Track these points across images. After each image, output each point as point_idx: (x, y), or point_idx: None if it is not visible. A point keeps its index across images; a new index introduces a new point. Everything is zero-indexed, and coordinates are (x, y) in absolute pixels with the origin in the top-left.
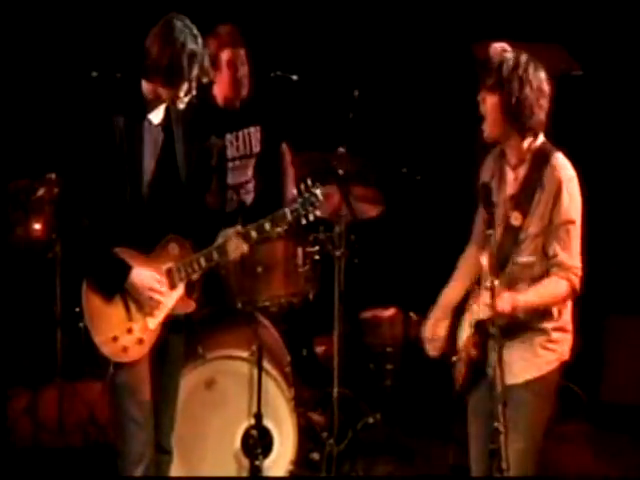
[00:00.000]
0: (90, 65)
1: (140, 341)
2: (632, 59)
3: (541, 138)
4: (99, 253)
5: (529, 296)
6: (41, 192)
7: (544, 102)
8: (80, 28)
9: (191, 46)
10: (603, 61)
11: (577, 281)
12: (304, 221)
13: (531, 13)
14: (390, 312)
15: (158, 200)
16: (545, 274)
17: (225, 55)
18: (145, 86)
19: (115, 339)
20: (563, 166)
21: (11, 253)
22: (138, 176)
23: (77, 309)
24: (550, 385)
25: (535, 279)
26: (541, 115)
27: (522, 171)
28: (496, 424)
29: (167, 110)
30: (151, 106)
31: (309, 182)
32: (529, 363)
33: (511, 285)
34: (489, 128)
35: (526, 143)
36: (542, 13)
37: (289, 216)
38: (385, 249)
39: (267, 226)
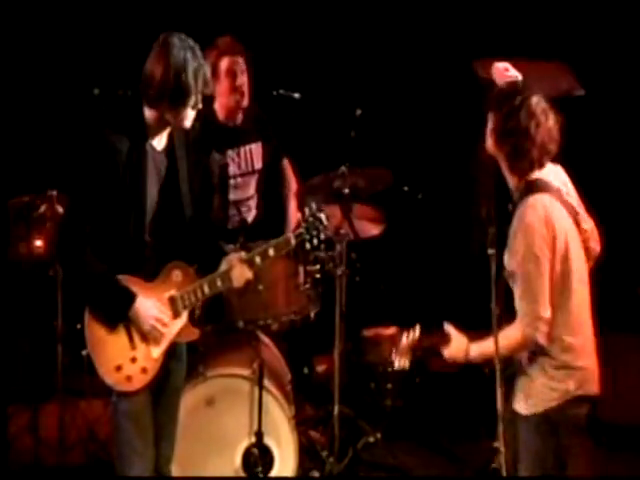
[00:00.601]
0: (92, 82)
1: (144, 370)
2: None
3: (536, 174)
4: (102, 282)
5: (483, 345)
6: (43, 209)
7: (532, 148)
8: (82, 45)
9: (193, 62)
10: (608, 80)
11: (532, 330)
12: (308, 246)
13: (534, 30)
14: (391, 331)
15: (161, 227)
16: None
17: (224, 64)
18: (149, 113)
19: (119, 368)
20: (526, 212)
21: (12, 269)
22: (141, 204)
23: (78, 326)
24: (555, 422)
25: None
26: (525, 162)
27: (513, 203)
28: (496, 444)
29: (170, 134)
30: (154, 131)
31: (313, 206)
32: (528, 399)
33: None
34: (487, 140)
35: (515, 177)
36: (545, 30)
37: (293, 241)
38: (386, 268)
39: (271, 252)
